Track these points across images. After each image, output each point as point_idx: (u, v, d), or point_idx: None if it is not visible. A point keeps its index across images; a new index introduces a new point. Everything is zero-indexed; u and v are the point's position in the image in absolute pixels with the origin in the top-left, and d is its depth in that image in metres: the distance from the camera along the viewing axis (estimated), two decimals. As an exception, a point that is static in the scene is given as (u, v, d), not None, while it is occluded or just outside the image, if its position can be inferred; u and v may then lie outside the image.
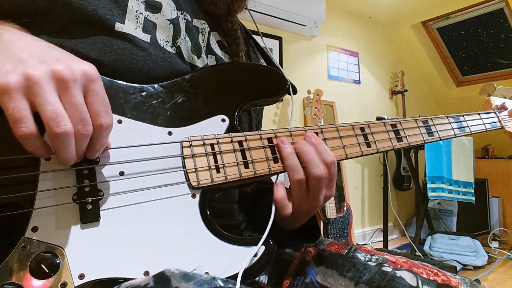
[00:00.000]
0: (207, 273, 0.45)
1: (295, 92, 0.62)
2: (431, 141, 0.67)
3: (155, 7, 0.55)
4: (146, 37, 0.53)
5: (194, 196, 0.48)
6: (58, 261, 0.39)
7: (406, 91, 3.45)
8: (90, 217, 0.41)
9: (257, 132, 0.54)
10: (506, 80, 3.41)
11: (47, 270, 0.38)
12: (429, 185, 2.40)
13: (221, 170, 0.49)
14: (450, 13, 3.24)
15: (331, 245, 0.64)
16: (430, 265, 0.57)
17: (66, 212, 0.41)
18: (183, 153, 0.48)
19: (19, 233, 0.39)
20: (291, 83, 0.60)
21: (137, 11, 0.52)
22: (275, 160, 0.53)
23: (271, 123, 2.64)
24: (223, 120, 0.53)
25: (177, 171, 0.48)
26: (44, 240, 0.39)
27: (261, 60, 0.78)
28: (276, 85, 0.58)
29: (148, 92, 0.50)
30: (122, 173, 0.45)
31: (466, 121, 0.74)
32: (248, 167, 0.51)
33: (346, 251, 0.61)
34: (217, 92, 0.54)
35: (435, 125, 0.68)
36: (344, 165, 2.92)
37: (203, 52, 0.61)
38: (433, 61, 3.76)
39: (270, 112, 2.64)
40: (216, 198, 0.52)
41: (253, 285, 0.56)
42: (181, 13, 0.58)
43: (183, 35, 0.57)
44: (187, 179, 0.48)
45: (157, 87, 0.51)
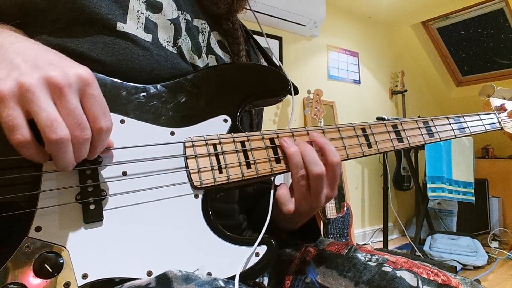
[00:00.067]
0: (209, 273, 0.45)
1: (296, 92, 0.62)
2: (432, 142, 0.67)
3: (156, 7, 0.55)
4: (148, 37, 0.53)
5: (196, 196, 0.48)
6: (61, 261, 0.39)
7: (406, 91, 3.45)
8: (93, 217, 0.42)
9: (259, 132, 0.54)
10: (506, 80, 3.41)
11: (51, 270, 0.38)
12: (429, 185, 2.40)
13: (223, 170, 0.50)
14: (450, 13, 3.25)
15: (331, 245, 0.64)
16: (430, 265, 0.57)
17: (69, 212, 0.41)
18: (185, 153, 0.49)
19: (23, 233, 0.39)
20: (292, 83, 0.60)
21: (138, 11, 0.52)
22: (277, 161, 0.53)
23: (271, 123, 2.64)
24: (225, 121, 0.53)
25: (179, 171, 0.48)
26: (48, 240, 0.39)
27: (262, 60, 0.78)
28: (278, 86, 0.59)
29: (150, 92, 0.50)
30: (125, 173, 0.45)
31: (466, 122, 0.74)
32: (250, 168, 0.51)
33: (346, 251, 0.61)
34: (220, 92, 0.54)
35: (435, 126, 0.68)
36: (344, 165, 2.92)
37: (203, 52, 0.61)
38: (433, 61, 3.77)
39: (270, 112, 2.64)
40: (218, 198, 0.52)
41: (253, 286, 0.57)
42: (182, 13, 0.58)
43: (184, 35, 0.57)
44: (190, 179, 0.48)
45: (159, 87, 0.51)
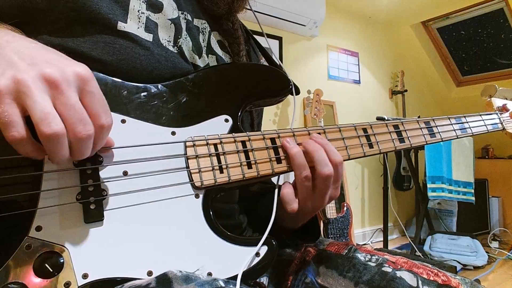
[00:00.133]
0: (209, 273, 0.45)
1: (298, 92, 0.62)
2: (433, 142, 0.67)
3: (156, 6, 0.55)
4: (149, 37, 0.53)
5: (197, 196, 0.48)
6: (61, 261, 0.39)
7: (406, 91, 3.45)
8: (93, 216, 0.42)
9: (260, 132, 0.54)
10: (506, 80, 3.41)
11: (51, 270, 0.38)
12: (429, 185, 2.40)
13: (224, 170, 0.50)
14: (450, 13, 3.25)
15: (331, 245, 0.64)
16: (430, 265, 0.57)
17: (70, 211, 0.41)
18: (186, 153, 0.48)
19: (23, 232, 0.39)
20: (294, 83, 0.60)
21: (138, 11, 0.52)
22: (278, 161, 0.53)
23: (271, 123, 2.63)
24: (226, 120, 0.53)
25: (180, 171, 0.48)
26: (48, 240, 0.39)
27: (262, 60, 0.78)
28: (279, 86, 0.58)
29: (151, 91, 0.50)
30: (125, 173, 0.45)
31: (467, 122, 0.74)
32: (251, 168, 0.51)
33: (346, 251, 0.61)
34: (221, 92, 0.54)
35: (437, 126, 0.68)
36: (344, 165, 2.92)
37: (203, 52, 0.61)
38: (433, 61, 3.76)
39: (270, 112, 2.64)
40: (218, 198, 0.52)
41: (254, 286, 0.56)
42: (182, 13, 0.58)
43: (184, 35, 0.57)
44: (191, 179, 0.48)
45: (160, 87, 0.51)
